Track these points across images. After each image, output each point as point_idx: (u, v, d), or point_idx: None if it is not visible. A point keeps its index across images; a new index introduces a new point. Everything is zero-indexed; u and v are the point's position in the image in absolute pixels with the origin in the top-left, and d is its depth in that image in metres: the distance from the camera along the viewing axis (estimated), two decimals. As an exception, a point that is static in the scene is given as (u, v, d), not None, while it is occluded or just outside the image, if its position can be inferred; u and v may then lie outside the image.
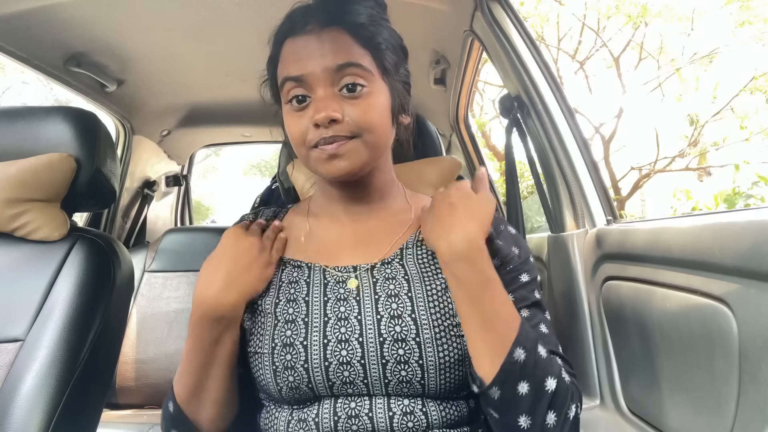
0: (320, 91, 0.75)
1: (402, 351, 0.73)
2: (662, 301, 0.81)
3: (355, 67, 0.75)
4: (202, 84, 2.01)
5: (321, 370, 0.73)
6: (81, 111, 1.25)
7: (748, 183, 4.66)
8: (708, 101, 6.81)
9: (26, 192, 1.16)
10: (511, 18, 1.22)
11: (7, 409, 0.99)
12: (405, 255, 0.82)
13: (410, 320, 0.75)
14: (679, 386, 0.77)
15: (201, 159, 2.86)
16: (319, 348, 0.74)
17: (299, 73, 0.76)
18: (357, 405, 0.75)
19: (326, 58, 0.75)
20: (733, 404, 0.65)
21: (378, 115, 0.77)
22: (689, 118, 6.99)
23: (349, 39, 0.77)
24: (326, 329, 0.76)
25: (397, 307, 0.76)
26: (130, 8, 1.37)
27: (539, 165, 1.24)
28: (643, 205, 8.87)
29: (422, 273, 0.80)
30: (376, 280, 0.79)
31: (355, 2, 0.80)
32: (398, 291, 0.78)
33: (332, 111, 0.73)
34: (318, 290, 0.80)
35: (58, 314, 1.08)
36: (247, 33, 1.52)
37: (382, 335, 0.74)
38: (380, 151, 0.80)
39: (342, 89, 0.76)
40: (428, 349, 0.73)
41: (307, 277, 0.81)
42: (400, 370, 0.73)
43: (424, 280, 0.79)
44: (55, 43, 1.50)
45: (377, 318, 0.75)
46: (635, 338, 0.89)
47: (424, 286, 0.78)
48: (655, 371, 0.83)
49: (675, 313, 0.77)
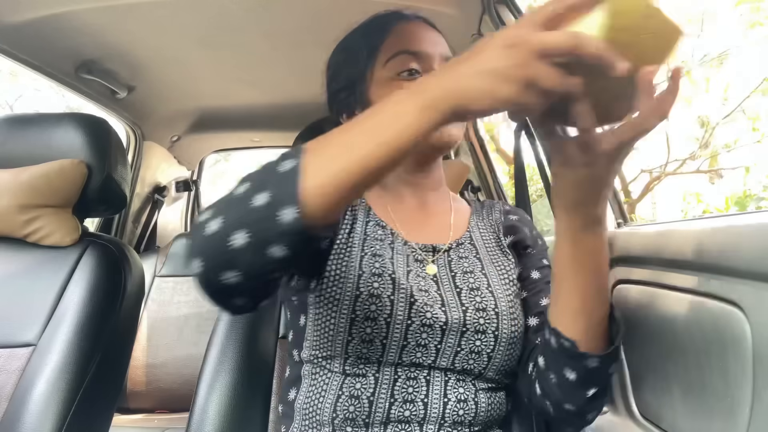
0: (428, 66, 0.81)
1: (483, 320, 0.76)
2: (674, 304, 0.80)
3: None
4: (212, 90, 2.03)
5: (402, 327, 0.74)
6: (92, 117, 1.27)
7: (759, 185, 4.62)
8: (719, 103, 6.76)
9: (38, 198, 1.17)
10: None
11: (19, 414, 1.00)
12: (474, 238, 0.88)
13: (488, 293, 0.80)
14: (691, 391, 0.77)
15: (211, 164, 2.87)
16: (405, 306, 0.74)
17: (419, 49, 0.82)
18: (415, 390, 0.75)
19: (438, 46, 0.83)
20: (747, 409, 0.65)
21: None
22: (700, 120, 6.95)
23: (443, 40, 0.86)
24: (413, 292, 0.76)
25: (474, 281, 0.81)
26: (140, 16, 1.38)
27: (548, 168, 1.24)
28: (654, 208, 8.81)
29: (489, 254, 0.87)
30: (451, 259, 0.84)
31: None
32: (473, 268, 0.83)
33: None
34: (402, 259, 0.80)
35: (70, 319, 1.09)
36: (257, 39, 1.53)
37: (464, 304, 0.78)
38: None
39: None
40: (504, 321, 0.78)
41: (391, 242, 0.82)
42: (475, 339, 0.76)
43: (492, 260, 0.86)
44: (66, 50, 1.52)
45: (457, 291, 0.79)
46: (647, 342, 0.88)
47: (493, 264, 0.85)
48: (668, 376, 0.82)
49: (687, 316, 0.76)
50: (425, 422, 0.74)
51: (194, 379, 1.02)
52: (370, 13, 0.90)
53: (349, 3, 1.30)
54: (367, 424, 0.74)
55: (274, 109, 2.23)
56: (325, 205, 0.52)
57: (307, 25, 1.44)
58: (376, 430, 0.74)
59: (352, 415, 0.74)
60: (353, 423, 0.74)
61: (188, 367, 2.03)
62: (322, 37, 0.90)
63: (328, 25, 1.39)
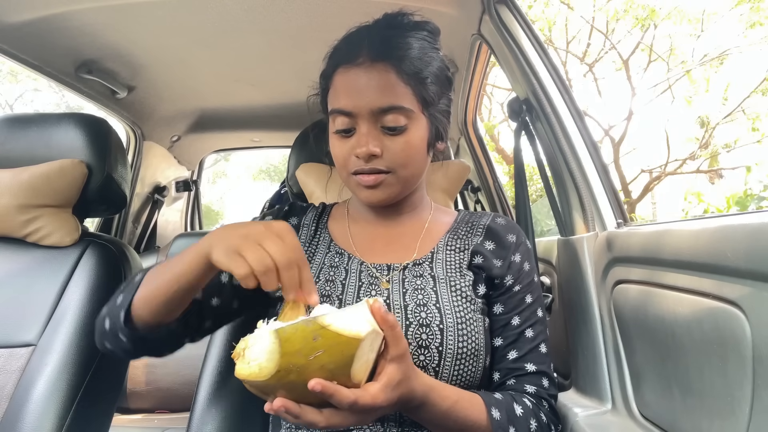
0: (364, 127, 0.83)
1: (425, 335, 0.80)
2: (674, 304, 0.80)
3: (397, 110, 0.83)
4: (212, 90, 2.03)
5: None
6: (92, 117, 1.27)
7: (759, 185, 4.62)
8: (719, 103, 6.76)
9: (38, 198, 1.17)
10: (519, 21, 1.22)
11: (19, 414, 1.00)
12: (435, 258, 0.90)
13: (435, 309, 0.82)
14: (691, 390, 0.77)
15: (211, 164, 2.88)
16: None
17: (348, 109, 0.84)
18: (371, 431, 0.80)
19: (373, 99, 0.82)
20: (746, 409, 0.65)
21: (414, 151, 0.85)
22: (700, 120, 6.95)
23: (394, 77, 0.83)
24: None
25: (423, 298, 0.84)
26: (140, 16, 1.38)
27: (548, 168, 1.24)
28: (654, 208, 8.81)
29: (448, 274, 0.88)
30: (405, 277, 0.87)
31: (408, 35, 0.87)
32: (424, 285, 0.86)
33: (372, 147, 0.82)
34: (354, 277, 0.88)
35: (70, 319, 1.09)
36: (256, 39, 1.53)
37: (408, 320, 0.81)
38: (414, 181, 0.90)
39: (384, 127, 0.84)
40: (449, 337, 0.80)
41: (347, 264, 0.90)
42: (419, 354, 0.79)
43: (449, 280, 0.87)
44: (66, 50, 1.52)
45: (404, 305, 0.83)
46: (646, 342, 0.88)
47: (448, 283, 0.87)
48: (667, 375, 0.82)
49: (687, 316, 0.76)
50: (386, 421, 0.80)
51: (194, 379, 1.02)
52: (369, 14, 0.90)
53: (349, 3, 1.30)
54: None
55: (274, 109, 2.23)
56: (145, 313, 0.78)
57: (307, 25, 1.44)
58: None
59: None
60: None
61: (188, 367, 2.03)
62: (322, 37, 0.90)
63: (328, 25, 1.40)
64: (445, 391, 0.75)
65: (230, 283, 0.89)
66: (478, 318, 0.85)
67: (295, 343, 0.57)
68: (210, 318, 0.89)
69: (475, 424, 0.76)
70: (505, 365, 0.87)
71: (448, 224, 0.96)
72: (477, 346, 0.82)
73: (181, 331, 0.84)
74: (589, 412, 0.98)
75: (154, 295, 0.77)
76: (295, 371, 0.57)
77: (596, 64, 7.82)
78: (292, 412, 0.60)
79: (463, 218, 0.97)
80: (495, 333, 0.88)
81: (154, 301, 0.77)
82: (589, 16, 7.39)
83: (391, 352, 0.65)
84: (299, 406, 0.60)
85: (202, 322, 0.88)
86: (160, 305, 0.76)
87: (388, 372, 0.64)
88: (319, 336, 0.57)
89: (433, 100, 0.87)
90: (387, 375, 0.64)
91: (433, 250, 0.91)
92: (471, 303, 0.85)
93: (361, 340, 0.59)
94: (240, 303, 0.91)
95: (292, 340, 0.57)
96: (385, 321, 0.63)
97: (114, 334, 0.80)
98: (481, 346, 0.83)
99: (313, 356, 0.57)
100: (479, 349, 0.82)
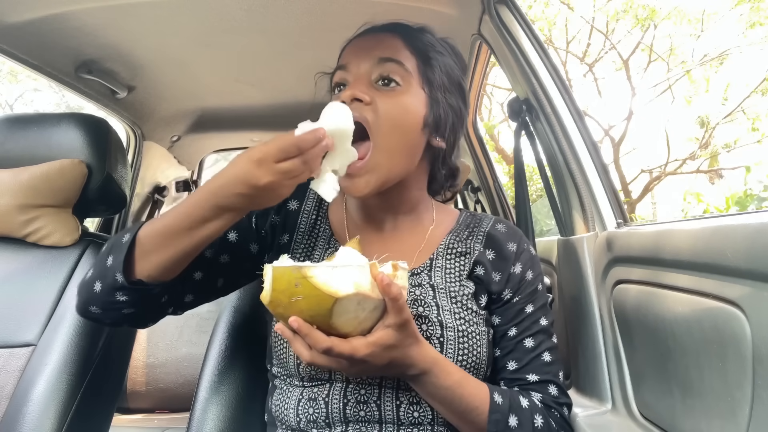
0: (355, 74, 0.81)
1: None
2: (674, 304, 0.80)
3: (395, 63, 0.80)
4: (212, 90, 2.02)
5: None
6: (92, 117, 1.27)
7: (759, 185, 4.62)
8: (719, 103, 6.76)
9: (38, 198, 1.17)
10: (519, 21, 1.21)
11: (19, 414, 1.00)
12: (434, 266, 0.86)
13: (436, 321, 0.80)
14: (691, 390, 0.77)
15: (211, 164, 2.87)
16: None
17: (344, 62, 0.82)
18: (367, 392, 0.79)
19: (371, 51, 0.81)
20: (746, 409, 0.65)
21: (406, 116, 0.80)
22: (700, 120, 6.95)
23: (400, 42, 0.82)
24: None
25: (424, 310, 0.81)
26: (140, 16, 1.38)
27: (548, 168, 1.24)
28: (654, 208, 8.81)
29: (447, 283, 0.85)
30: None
31: (426, 30, 0.87)
32: (424, 296, 0.83)
33: (359, 92, 0.78)
34: None
35: (70, 319, 1.09)
36: (257, 39, 1.53)
37: None
38: (402, 163, 0.82)
39: (378, 81, 0.80)
40: (449, 349, 0.79)
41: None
42: None
43: (449, 289, 0.84)
44: (66, 50, 1.52)
45: None
46: (647, 342, 0.88)
47: (448, 293, 0.83)
48: (667, 375, 0.82)
49: (687, 316, 0.76)
50: (384, 422, 0.78)
51: (194, 379, 1.02)
52: (369, 14, 0.90)
53: (349, 3, 1.30)
54: (328, 424, 0.79)
55: (274, 109, 2.22)
56: (152, 267, 0.74)
57: (307, 25, 1.44)
58: (337, 429, 0.79)
59: (312, 417, 0.79)
60: (315, 424, 0.79)
61: (188, 367, 2.03)
62: (322, 37, 0.90)
63: (328, 26, 1.40)
64: (449, 367, 0.75)
65: (238, 244, 0.87)
66: (482, 331, 0.83)
67: (282, 282, 0.64)
68: (222, 276, 0.87)
69: (477, 408, 0.76)
70: (505, 376, 0.85)
71: (448, 227, 0.93)
72: (478, 359, 0.81)
73: (174, 293, 0.82)
74: (589, 412, 0.98)
75: (168, 230, 0.73)
76: (282, 306, 0.65)
77: (596, 64, 7.83)
78: (285, 335, 0.68)
79: (464, 221, 0.94)
80: (494, 344, 0.87)
81: (168, 238, 0.73)
82: (589, 16, 7.39)
83: (389, 319, 0.67)
84: (293, 334, 0.66)
85: (214, 282, 0.87)
86: (175, 242, 0.73)
87: (379, 334, 0.67)
88: (300, 284, 0.63)
89: (438, 85, 0.83)
90: (377, 336, 0.67)
91: (432, 256, 0.88)
92: (474, 315, 0.83)
93: (337, 298, 0.62)
94: (251, 264, 0.87)
95: (280, 280, 0.64)
96: (386, 292, 0.65)
97: (108, 293, 0.75)
98: (482, 359, 0.81)
99: (294, 299, 0.64)
100: (480, 361, 0.81)
